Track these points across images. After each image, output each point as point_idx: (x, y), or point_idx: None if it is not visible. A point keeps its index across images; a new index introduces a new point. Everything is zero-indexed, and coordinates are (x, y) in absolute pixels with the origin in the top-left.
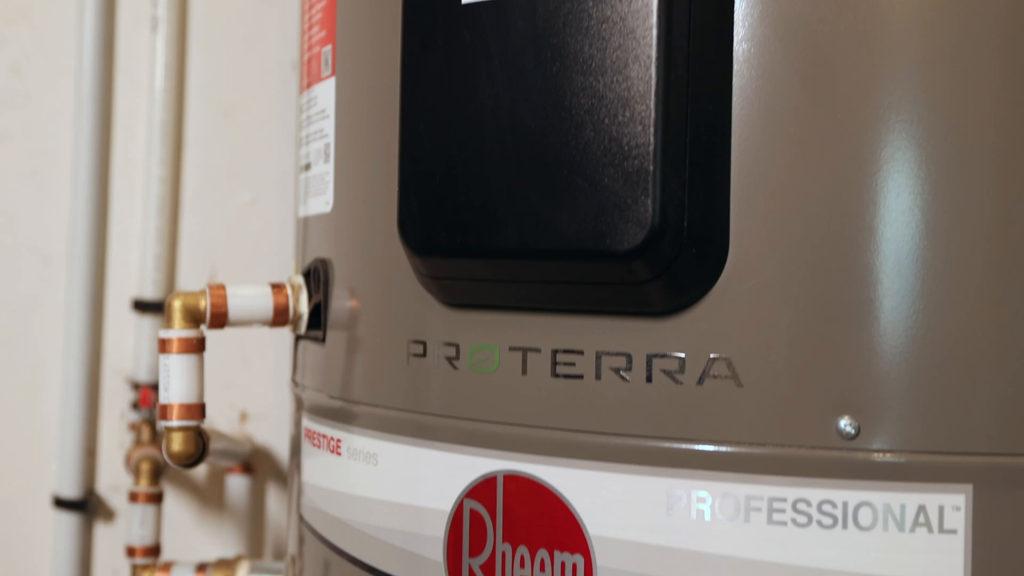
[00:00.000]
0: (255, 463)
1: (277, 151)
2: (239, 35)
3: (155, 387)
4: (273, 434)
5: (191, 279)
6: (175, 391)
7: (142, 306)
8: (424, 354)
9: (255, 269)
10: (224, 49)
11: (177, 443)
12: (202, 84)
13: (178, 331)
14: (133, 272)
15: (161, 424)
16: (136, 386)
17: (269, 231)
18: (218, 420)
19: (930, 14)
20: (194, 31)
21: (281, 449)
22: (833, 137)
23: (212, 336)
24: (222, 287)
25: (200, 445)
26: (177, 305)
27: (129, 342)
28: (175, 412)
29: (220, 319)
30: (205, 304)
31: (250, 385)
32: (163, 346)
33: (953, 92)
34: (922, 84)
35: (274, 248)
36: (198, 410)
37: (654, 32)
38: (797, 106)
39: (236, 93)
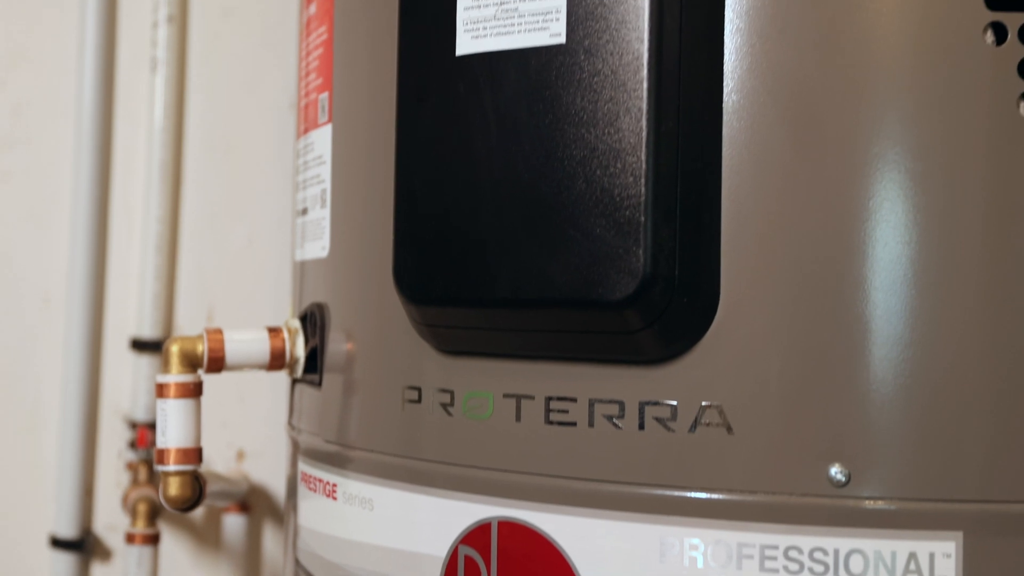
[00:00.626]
0: (252, 502)
1: (275, 190)
2: (237, 76)
3: (152, 426)
4: (270, 472)
5: (189, 318)
6: (172, 436)
7: (140, 345)
8: (419, 400)
9: (253, 307)
10: (222, 89)
11: (174, 488)
12: (201, 124)
13: (175, 376)
14: (131, 311)
15: (158, 468)
16: (134, 425)
17: (267, 269)
18: (215, 459)
19: (917, 65)
20: (193, 72)
21: (278, 487)
22: (822, 187)
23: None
24: (219, 332)
25: (197, 489)
26: (175, 350)
27: (127, 381)
28: (172, 457)
29: (217, 364)
30: (202, 349)
31: (246, 423)
32: (160, 391)
33: (941, 142)
34: (909, 134)
35: (272, 285)
36: (195, 454)
37: (645, 85)
38: (786, 156)
39: (234, 133)
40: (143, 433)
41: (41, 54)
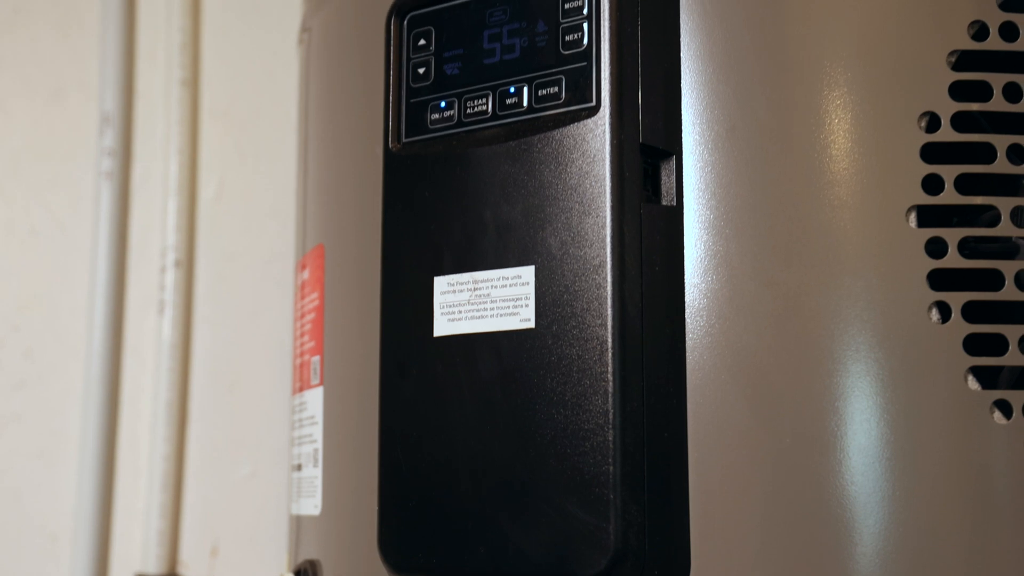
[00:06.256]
0: None
1: (278, 422)
2: (244, 311)
3: None
4: None
5: (193, 553)
6: None
7: None
8: None
9: (257, 539)
10: (227, 326)
11: None
12: (206, 361)
13: None
14: (136, 548)
15: None
16: None
17: (270, 500)
18: None
19: (870, 343)
20: (199, 310)
21: None
22: (785, 459)
23: None
24: None
25: None
26: None
27: None
28: None
29: None
30: None
31: None
32: None
33: (898, 414)
34: (867, 407)
35: (273, 518)
36: None
37: (610, 369)
38: (748, 430)
39: (239, 367)
40: None
41: (52, 298)
